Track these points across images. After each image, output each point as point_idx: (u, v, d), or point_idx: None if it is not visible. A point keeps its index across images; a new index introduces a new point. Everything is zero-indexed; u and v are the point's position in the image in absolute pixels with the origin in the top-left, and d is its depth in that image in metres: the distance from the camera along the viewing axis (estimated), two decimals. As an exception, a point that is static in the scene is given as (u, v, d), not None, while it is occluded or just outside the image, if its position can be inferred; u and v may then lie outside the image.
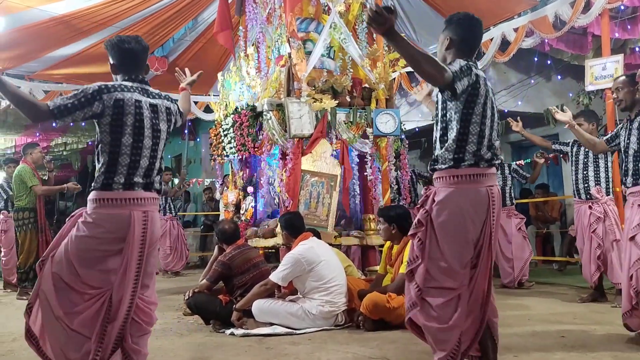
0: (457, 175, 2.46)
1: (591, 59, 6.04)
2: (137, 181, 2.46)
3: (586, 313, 4.47)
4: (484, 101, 2.47)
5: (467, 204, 2.42)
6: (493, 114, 2.53)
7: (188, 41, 8.10)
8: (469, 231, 2.42)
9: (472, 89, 2.44)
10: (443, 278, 2.42)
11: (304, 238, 4.28)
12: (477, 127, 2.46)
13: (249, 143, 5.34)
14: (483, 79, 2.50)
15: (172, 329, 4.23)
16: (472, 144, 2.46)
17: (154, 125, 2.53)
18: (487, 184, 2.47)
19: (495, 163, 2.52)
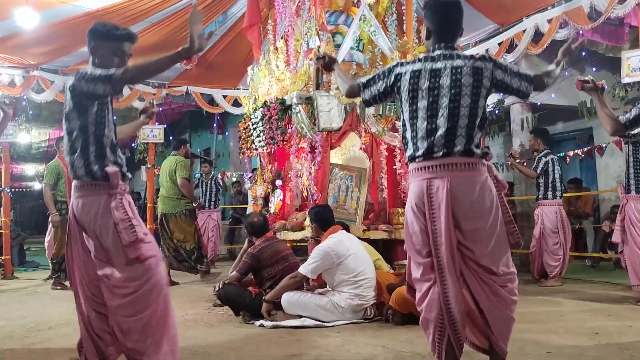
0: (409, 171, 2.57)
1: (627, 50, 5.86)
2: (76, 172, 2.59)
3: (620, 310, 4.37)
4: (414, 94, 2.48)
5: (413, 197, 2.50)
6: (435, 102, 2.43)
7: (218, 35, 8.15)
8: (416, 224, 2.48)
9: (396, 87, 2.56)
10: (413, 270, 2.55)
11: (333, 231, 4.28)
12: (412, 121, 2.51)
13: (278, 136, 5.36)
14: (412, 73, 2.49)
15: (203, 320, 4.29)
16: (409, 139, 2.53)
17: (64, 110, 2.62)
18: (423, 177, 2.45)
19: (440, 154, 2.41)
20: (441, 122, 2.43)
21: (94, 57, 2.67)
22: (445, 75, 2.44)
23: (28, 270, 8.81)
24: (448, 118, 2.42)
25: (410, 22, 5.87)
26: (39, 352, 3.35)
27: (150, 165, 9.39)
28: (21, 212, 24.21)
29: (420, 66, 2.50)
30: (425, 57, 2.53)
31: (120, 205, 2.49)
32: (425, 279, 2.47)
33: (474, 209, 2.41)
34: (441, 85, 2.44)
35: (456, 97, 2.42)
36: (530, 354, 3.00)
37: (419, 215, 2.46)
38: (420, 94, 2.47)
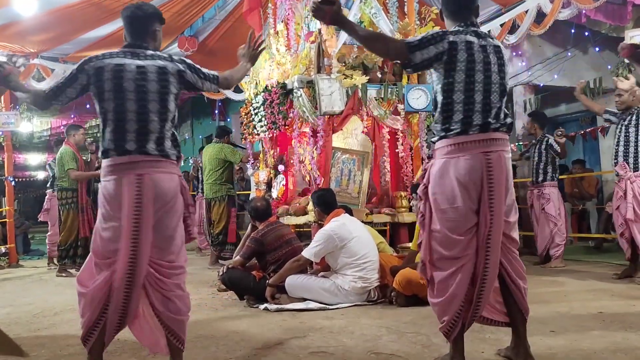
0: (447, 145, 2.45)
1: (631, 29, 5.80)
2: (128, 147, 2.40)
3: (624, 289, 4.38)
4: (469, 66, 2.42)
5: (457, 173, 2.41)
6: (488, 77, 2.44)
7: (217, 20, 8.09)
8: (464, 199, 2.40)
9: (448, 56, 2.43)
10: (441, 249, 2.45)
11: (336, 215, 4.28)
12: (462, 95, 2.43)
13: (280, 121, 5.34)
14: (464, 44, 2.44)
15: (207, 304, 4.31)
16: (459, 112, 2.43)
17: (139, 87, 2.43)
18: (480, 150, 2.41)
19: (495, 127, 2.44)
20: (494, 98, 2.47)
21: (156, 41, 2.63)
22: (491, 53, 2.49)
23: (33, 259, 8.86)
24: (499, 94, 2.49)
25: (412, 3, 5.82)
26: (44, 338, 3.37)
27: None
28: (25, 202, 24.29)
29: (471, 39, 2.47)
30: (468, 31, 2.49)
31: (185, 189, 2.56)
32: (460, 256, 2.42)
33: (510, 181, 2.50)
34: (491, 61, 2.47)
35: (500, 75, 2.50)
36: (535, 333, 3.00)
37: (469, 189, 2.41)
38: (476, 66, 2.44)
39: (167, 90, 2.47)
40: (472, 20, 2.55)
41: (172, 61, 2.53)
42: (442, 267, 2.45)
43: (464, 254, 2.42)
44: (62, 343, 3.21)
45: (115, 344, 2.87)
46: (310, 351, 2.86)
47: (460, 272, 2.41)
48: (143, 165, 2.39)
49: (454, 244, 2.42)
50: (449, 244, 2.43)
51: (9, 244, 7.90)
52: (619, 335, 2.97)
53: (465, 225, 2.42)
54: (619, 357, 2.58)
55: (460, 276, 2.40)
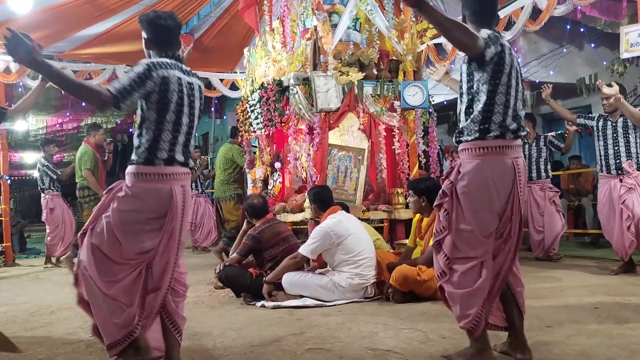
0: (483, 147, 2.46)
1: (626, 25, 5.82)
2: (177, 158, 2.51)
3: (619, 285, 4.40)
4: (509, 71, 2.47)
5: (493, 175, 2.44)
6: (518, 84, 2.52)
7: (213, 17, 8.08)
8: (494, 202, 2.45)
9: (498, 58, 2.44)
10: (468, 248, 2.47)
11: (332, 212, 4.29)
12: (503, 97, 2.46)
13: (276, 118, 5.34)
14: (508, 49, 2.49)
15: (205, 302, 4.30)
16: (498, 114, 2.46)
17: (191, 102, 2.57)
18: (512, 156, 2.48)
19: (521, 134, 2.52)
20: (519, 105, 2.53)
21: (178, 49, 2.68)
22: (515, 59, 2.54)
23: (29, 257, 8.84)
24: (522, 101, 2.57)
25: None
26: (41, 336, 3.37)
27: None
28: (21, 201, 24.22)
29: (505, 42, 2.50)
30: (500, 35, 2.52)
31: None
32: (482, 255, 2.46)
33: (526, 187, 2.62)
34: (518, 68, 2.54)
35: (522, 82, 2.58)
36: (531, 329, 3.00)
37: (500, 192, 2.45)
38: (512, 72, 2.49)
39: (201, 107, 2.69)
40: (494, 26, 2.58)
41: (199, 78, 2.70)
42: (462, 264, 2.47)
43: (486, 253, 2.47)
44: (59, 341, 3.21)
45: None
46: (307, 348, 2.86)
47: (482, 269, 2.45)
48: (184, 177, 2.56)
49: (480, 244, 2.46)
50: (476, 243, 2.46)
51: (5, 242, 7.88)
52: (615, 330, 2.98)
53: (492, 227, 2.47)
54: (614, 351, 2.60)
55: (483, 273, 2.44)
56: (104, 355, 2.62)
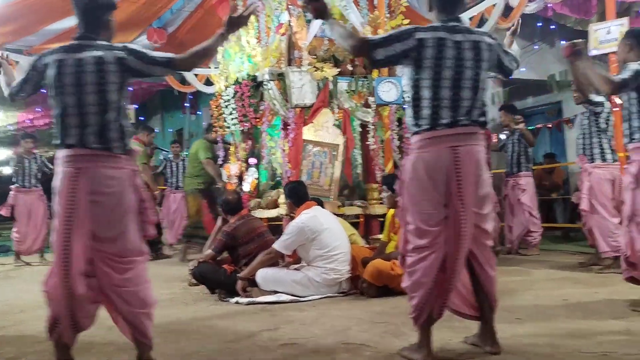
0: (418, 141, 2.52)
1: (595, 22, 5.94)
2: (70, 141, 2.38)
3: (588, 277, 4.51)
4: (438, 63, 2.46)
5: (425, 166, 2.47)
6: (459, 74, 2.47)
7: (187, 12, 7.99)
8: (430, 192, 2.46)
9: (416, 53, 2.47)
10: (415, 238, 2.51)
11: (307, 207, 4.29)
12: (429, 92, 2.47)
13: (251, 114, 5.32)
14: (436, 40, 2.46)
15: (179, 299, 4.28)
16: (427, 108, 2.48)
17: (77, 80, 2.39)
18: (449, 145, 2.46)
19: (465, 123, 2.48)
20: (466, 94, 2.49)
21: (110, 30, 2.57)
22: (467, 49, 2.50)
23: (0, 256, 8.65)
24: (472, 90, 2.51)
25: (382, -6, 5.83)
26: (11, 336, 3.31)
27: (122, 147, 9.21)
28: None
29: (443, 35, 2.49)
30: (444, 27, 2.52)
31: (142, 184, 2.52)
32: (429, 244, 2.47)
33: (484, 176, 2.53)
34: (465, 57, 2.49)
35: (477, 71, 2.52)
36: (501, 321, 3.04)
37: (436, 183, 2.46)
38: (446, 63, 2.47)
39: (105, 80, 2.40)
40: (456, 15, 2.57)
41: (112, 49, 2.44)
42: (413, 255, 2.51)
43: (434, 243, 2.47)
44: (29, 340, 3.15)
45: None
46: (281, 343, 2.87)
47: (429, 258, 2.46)
48: (81, 159, 2.38)
49: (425, 234, 2.48)
50: (421, 234, 2.49)
51: (-27, 241, 7.71)
52: (582, 322, 3.06)
53: (437, 217, 2.46)
54: (581, 342, 2.66)
55: (428, 262, 2.45)
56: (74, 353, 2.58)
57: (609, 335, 2.75)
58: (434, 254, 2.46)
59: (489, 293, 2.58)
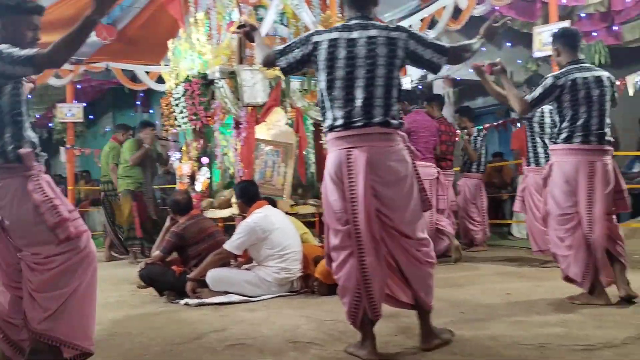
0: (327, 141, 2.58)
1: (539, 25, 6.15)
2: None
3: (531, 271, 4.67)
4: (331, 64, 2.48)
5: (330, 166, 2.52)
6: (352, 73, 2.46)
7: (137, 8, 7.84)
8: (333, 193, 2.50)
9: (314, 56, 2.53)
10: (332, 237, 2.55)
11: (258, 206, 4.27)
12: (326, 92, 2.51)
13: (201, 112, 5.26)
14: (330, 42, 2.48)
15: (126, 302, 4.19)
16: (328, 110, 2.53)
17: None
18: (342, 147, 2.46)
19: (362, 123, 2.45)
20: (359, 93, 2.46)
21: (5, 32, 2.39)
22: (361, 45, 2.47)
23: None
24: (365, 89, 2.46)
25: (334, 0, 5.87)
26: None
27: (70, 146, 8.99)
28: None
29: (337, 35, 2.50)
30: (342, 26, 2.55)
31: (38, 188, 2.31)
32: (343, 246, 2.50)
33: (391, 177, 2.48)
34: (357, 55, 2.46)
35: (372, 68, 2.46)
36: (446, 315, 3.14)
37: (338, 184, 2.48)
38: (337, 63, 2.48)
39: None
40: (366, 12, 2.56)
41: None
42: (335, 256, 2.55)
43: (347, 244, 2.48)
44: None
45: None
46: (228, 344, 2.85)
47: (348, 261, 2.48)
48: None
49: (338, 232, 2.51)
50: (335, 233, 2.53)
51: None
52: (522, 315, 3.16)
53: (342, 216, 2.48)
54: (520, 334, 2.75)
55: (348, 265, 2.48)
56: None
57: (547, 328, 2.85)
58: (352, 258, 2.47)
59: (419, 291, 2.54)
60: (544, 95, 3.42)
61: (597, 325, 2.85)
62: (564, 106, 3.40)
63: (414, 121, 5.47)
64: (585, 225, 3.33)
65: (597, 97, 3.39)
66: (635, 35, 7.46)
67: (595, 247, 3.32)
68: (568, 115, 3.39)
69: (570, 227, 3.38)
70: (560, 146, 3.42)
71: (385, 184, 2.48)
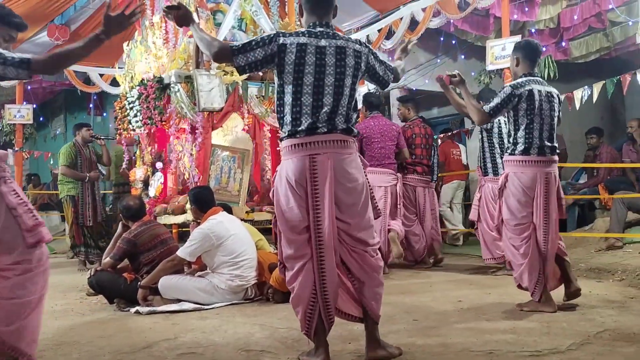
0: (283, 148, 2.54)
1: (492, 39, 6.33)
2: None
3: (482, 279, 4.77)
4: (299, 69, 2.47)
5: (287, 173, 2.47)
6: (321, 80, 2.47)
7: (92, 9, 7.65)
8: (292, 200, 2.47)
9: (278, 58, 2.48)
10: (286, 248, 2.52)
11: (213, 213, 4.22)
12: (290, 97, 2.48)
13: (156, 116, 5.16)
14: (299, 46, 2.46)
15: (74, 310, 4.06)
16: (288, 114, 2.50)
17: None
18: (307, 153, 2.45)
19: (325, 130, 2.46)
20: (327, 100, 2.48)
21: None
22: (330, 54, 2.49)
23: None
24: (334, 96, 2.49)
25: (292, 2, 5.89)
26: None
27: (18, 148, 8.66)
28: None
29: (305, 40, 2.48)
30: (309, 32, 2.52)
31: (12, 190, 2.26)
32: (299, 255, 2.47)
33: (352, 184, 2.51)
34: (327, 63, 2.48)
35: (340, 77, 2.51)
36: (399, 322, 3.18)
37: (297, 191, 2.46)
38: (306, 69, 2.46)
39: None
40: (326, 19, 2.58)
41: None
42: (290, 265, 2.51)
43: (304, 253, 2.47)
44: None
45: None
46: (179, 352, 2.79)
47: (304, 270, 2.46)
48: None
49: (293, 242, 2.49)
50: (290, 242, 2.50)
51: None
52: (473, 322, 3.22)
53: (300, 224, 2.47)
54: (470, 340, 2.80)
55: (303, 274, 2.46)
56: None
57: (497, 334, 2.91)
58: (306, 265, 2.46)
59: (370, 300, 2.54)
60: (502, 104, 3.49)
61: (545, 332, 2.93)
62: (519, 115, 3.49)
63: (367, 127, 5.40)
64: (541, 234, 3.46)
65: (548, 111, 3.53)
66: (583, 51, 7.80)
67: (548, 256, 3.46)
68: (523, 125, 3.48)
69: (525, 236, 3.49)
70: (518, 157, 3.51)
71: (346, 191, 2.50)
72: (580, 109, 5.98)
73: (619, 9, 6.67)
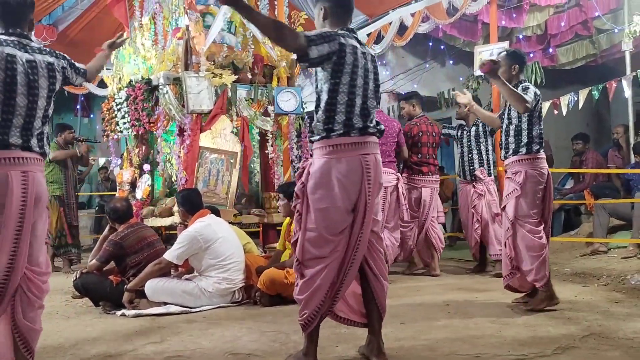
0: (328, 145, 2.49)
1: (480, 45, 6.39)
2: (14, 141, 2.32)
3: (470, 283, 4.79)
4: (354, 70, 2.51)
5: (338, 173, 2.46)
6: (367, 83, 2.56)
7: (80, 10, 7.60)
8: (340, 199, 2.45)
9: (337, 57, 2.47)
10: (315, 248, 2.47)
11: (201, 215, 4.20)
12: (346, 97, 2.50)
13: (144, 118, 5.13)
14: (351, 48, 2.50)
15: (59, 312, 4.01)
16: (341, 113, 2.50)
17: (31, 82, 2.38)
18: (359, 153, 2.49)
19: (372, 131, 2.56)
20: (371, 103, 2.58)
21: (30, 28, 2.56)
22: (367, 60, 2.59)
23: None
24: (375, 100, 2.61)
25: (282, 6, 5.90)
26: None
27: None
28: None
29: (354, 43, 2.54)
30: (352, 36, 2.57)
31: None
32: (328, 255, 2.46)
33: (379, 184, 2.59)
34: (367, 67, 2.58)
35: (375, 82, 2.64)
36: (387, 326, 3.15)
37: (348, 189, 2.45)
38: (358, 71, 2.52)
39: (53, 87, 2.50)
40: (348, 25, 2.65)
41: (57, 57, 2.56)
42: (312, 265, 2.48)
43: (334, 253, 2.46)
44: None
45: None
46: (166, 356, 2.78)
47: (327, 269, 2.45)
48: (28, 162, 2.34)
49: (327, 243, 2.46)
50: (323, 243, 2.46)
51: None
52: (460, 325, 3.24)
53: (342, 225, 2.47)
54: (457, 344, 2.81)
55: (326, 272, 2.45)
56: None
57: (483, 338, 2.93)
58: (331, 264, 2.45)
59: (379, 302, 2.59)
60: (535, 102, 3.59)
61: (531, 336, 2.95)
62: (534, 116, 3.63)
63: None
64: (547, 227, 3.65)
65: None
66: (569, 58, 7.89)
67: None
68: (538, 125, 3.64)
69: (540, 229, 3.59)
70: (535, 155, 3.62)
71: (378, 190, 2.58)
72: (567, 114, 6.05)
73: (605, 17, 6.78)
